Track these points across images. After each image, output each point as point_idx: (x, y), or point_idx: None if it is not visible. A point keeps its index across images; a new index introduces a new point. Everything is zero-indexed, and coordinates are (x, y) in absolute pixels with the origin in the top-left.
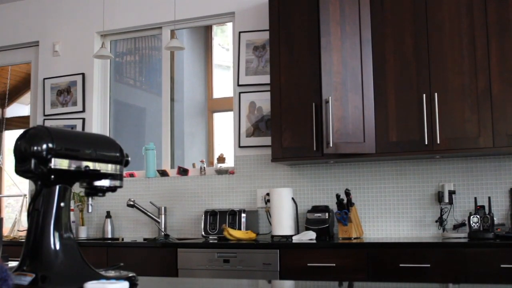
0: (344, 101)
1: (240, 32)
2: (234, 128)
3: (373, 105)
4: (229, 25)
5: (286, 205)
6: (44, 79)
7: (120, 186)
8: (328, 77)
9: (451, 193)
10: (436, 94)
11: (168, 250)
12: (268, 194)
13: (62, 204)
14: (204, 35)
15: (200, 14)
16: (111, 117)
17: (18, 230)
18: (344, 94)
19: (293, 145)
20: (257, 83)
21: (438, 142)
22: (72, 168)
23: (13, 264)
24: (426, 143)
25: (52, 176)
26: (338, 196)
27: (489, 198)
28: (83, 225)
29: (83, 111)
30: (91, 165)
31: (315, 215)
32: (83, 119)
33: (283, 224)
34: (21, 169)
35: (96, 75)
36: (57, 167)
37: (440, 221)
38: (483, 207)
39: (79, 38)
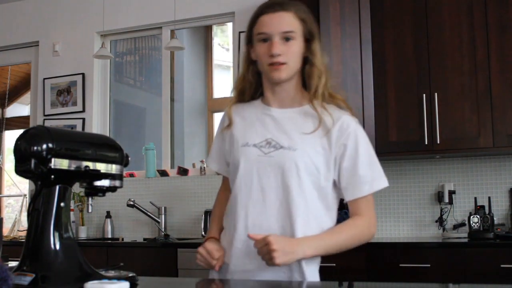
0: None
1: (240, 32)
2: None
3: (373, 105)
4: (229, 25)
5: None
6: (44, 79)
7: (120, 186)
8: None
9: (451, 193)
10: (436, 94)
11: (168, 250)
12: None
13: (62, 204)
14: (204, 35)
15: (200, 14)
16: (111, 117)
17: (18, 230)
18: (344, 94)
19: None
20: None
21: (438, 142)
22: (72, 168)
23: (13, 264)
24: (426, 143)
25: (52, 176)
26: None
27: (489, 198)
28: (83, 225)
29: (83, 111)
30: (91, 165)
31: None
32: (83, 119)
33: None
34: (21, 169)
35: (96, 75)
36: (57, 167)
37: (440, 221)
38: (483, 207)
39: (79, 38)
